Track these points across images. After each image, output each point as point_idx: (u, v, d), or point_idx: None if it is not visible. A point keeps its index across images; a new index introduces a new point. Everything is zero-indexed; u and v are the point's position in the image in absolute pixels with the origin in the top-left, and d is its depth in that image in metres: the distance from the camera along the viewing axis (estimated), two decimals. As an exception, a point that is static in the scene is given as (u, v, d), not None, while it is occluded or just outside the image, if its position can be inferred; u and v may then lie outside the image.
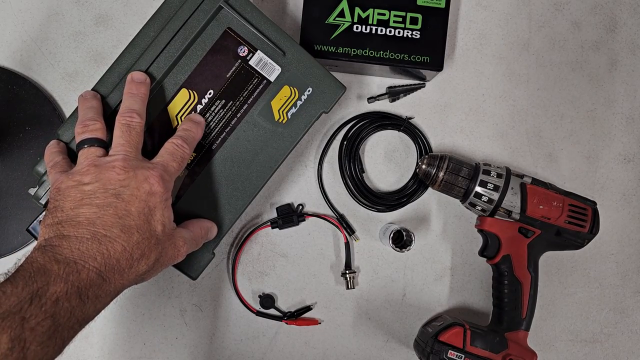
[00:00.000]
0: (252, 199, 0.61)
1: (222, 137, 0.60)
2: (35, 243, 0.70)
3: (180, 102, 0.59)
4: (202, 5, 0.59)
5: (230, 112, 0.60)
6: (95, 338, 0.71)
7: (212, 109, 0.60)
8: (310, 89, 0.61)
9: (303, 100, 0.61)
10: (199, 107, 0.60)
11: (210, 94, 0.60)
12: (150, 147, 0.59)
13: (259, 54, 0.60)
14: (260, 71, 0.61)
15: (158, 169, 0.52)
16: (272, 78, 0.61)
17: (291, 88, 0.61)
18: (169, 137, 0.59)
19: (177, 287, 0.72)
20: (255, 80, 0.61)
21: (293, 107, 0.61)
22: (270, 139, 0.61)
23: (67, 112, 0.72)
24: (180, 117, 0.59)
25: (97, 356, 0.71)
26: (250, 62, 0.61)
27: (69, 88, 0.72)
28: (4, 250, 0.70)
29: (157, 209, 0.51)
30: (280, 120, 0.61)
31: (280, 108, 0.61)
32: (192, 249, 0.56)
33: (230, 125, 0.60)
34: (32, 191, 0.57)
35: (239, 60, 0.60)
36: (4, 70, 0.71)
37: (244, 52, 0.60)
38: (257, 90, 0.61)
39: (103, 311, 0.71)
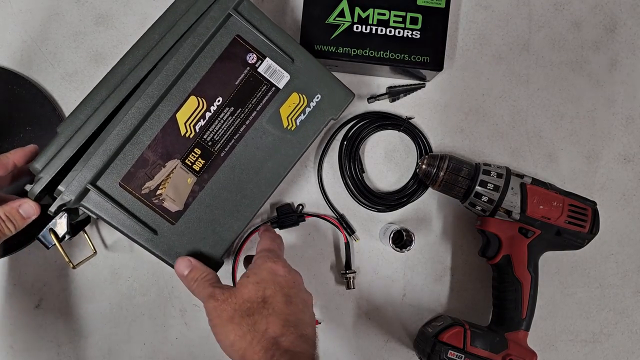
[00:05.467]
0: (261, 206, 0.61)
1: (230, 144, 0.60)
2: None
3: (189, 109, 0.59)
4: (212, 13, 0.59)
5: (239, 119, 0.60)
6: (95, 338, 0.72)
7: (220, 116, 0.60)
8: (319, 95, 0.61)
9: (312, 107, 0.61)
10: (208, 114, 0.60)
11: (219, 101, 0.60)
12: (160, 154, 0.59)
13: (267, 61, 0.60)
14: (269, 78, 0.61)
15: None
16: (280, 85, 0.61)
17: (300, 95, 0.61)
18: (179, 143, 0.59)
19: (177, 287, 0.72)
20: (264, 88, 0.61)
21: (302, 114, 0.61)
22: (279, 145, 0.61)
23: (67, 112, 0.72)
24: (189, 124, 0.59)
25: (97, 356, 0.71)
26: (259, 69, 0.60)
27: (69, 88, 0.72)
28: (4, 250, 0.70)
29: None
30: (288, 127, 0.61)
31: (289, 115, 0.61)
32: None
33: (239, 132, 0.60)
34: (28, 187, 0.57)
35: (248, 68, 0.60)
36: (4, 70, 0.71)
37: (252, 59, 0.60)
38: (266, 98, 0.61)
39: (102, 311, 0.72)
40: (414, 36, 0.67)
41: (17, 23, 0.72)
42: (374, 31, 0.67)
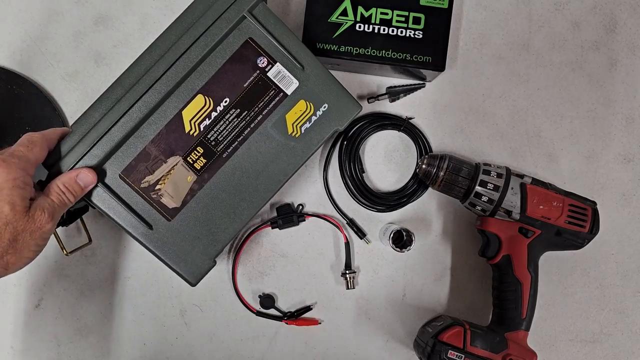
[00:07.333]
0: (258, 211, 0.61)
1: (233, 146, 0.60)
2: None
3: (195, 107, 0.59)
4: (225, 14, 0.59)
5: (244, 121, 0.60)
6: (95, 338, 0.71)
7: (226, 117, 0.60)
8: (326, 105, 0.61)
9: (318, 115, 0.61)
10: (214, 114, 0.60)
11: (226, 102, 0.60)
12: (162, 150, 0.59)
13: (277, 66, 0.60)
14: (278, 83, 0.61)
15: (2, 153, 0.51)
16: (289, 91, 0.61)
17: (307, 103, 0.61)
18: (182, 141, 0.59)
19: (177, 287, 0.72)
20: (272, 92, 0.61)
21: (307, 122, 0.61)
22: (281, 152, 0.61)
23: (67, 112, 0.72)
24: (194, 122, 0.59)
25: (97, 356, 0.71)
26: (269, 74, 0.60)
27: (69, 88, 0.72)
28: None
29: (3, 190, 0.49)
30: (293, 134, 0.61)
31: (295, 122, 0.61)
32: (62, 212, 0.55)
33: (243, 135, 0.60)
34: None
35: (258, 71, 0.60)
36: (4, 70, 0.71)
37: (263, 63, 0.60)
38: (273, 102, 0.61)
39: (102, 311, 0.72)
40: (416, 36, 0.67)
41: (17, 23, 0.72)
42: (376, 30, 0.67)
